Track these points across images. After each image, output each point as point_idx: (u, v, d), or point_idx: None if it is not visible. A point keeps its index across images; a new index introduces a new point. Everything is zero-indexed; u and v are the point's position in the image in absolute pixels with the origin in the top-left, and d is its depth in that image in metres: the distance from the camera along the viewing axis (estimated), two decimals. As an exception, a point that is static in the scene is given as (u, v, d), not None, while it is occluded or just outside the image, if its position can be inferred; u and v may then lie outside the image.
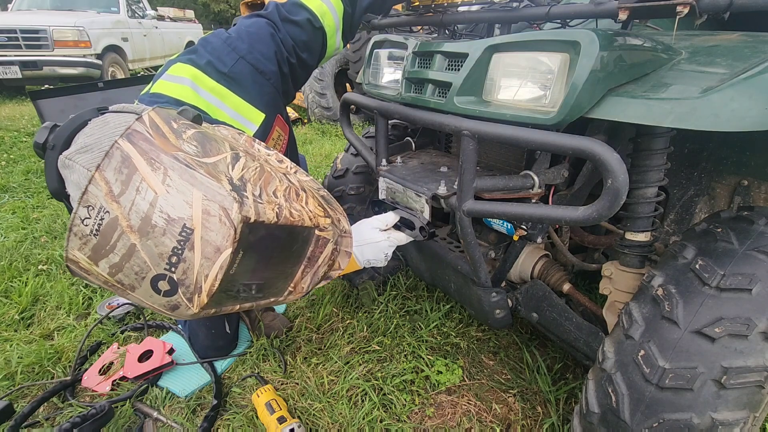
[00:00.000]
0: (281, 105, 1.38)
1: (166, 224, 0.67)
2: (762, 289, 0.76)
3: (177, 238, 0.68)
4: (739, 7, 0.84)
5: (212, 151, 0.76)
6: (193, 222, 0.68)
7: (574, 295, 1.29)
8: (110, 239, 0.67)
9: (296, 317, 1.83)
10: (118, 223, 0.66)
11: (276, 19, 1.31)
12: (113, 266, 0.69)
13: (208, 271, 0.70)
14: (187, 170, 0.70)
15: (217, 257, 0.70)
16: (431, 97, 1.13)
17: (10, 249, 2.35)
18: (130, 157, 0.67)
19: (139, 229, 0.67)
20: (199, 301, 0.72)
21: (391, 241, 1.23)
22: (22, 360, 1.55)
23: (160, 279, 0.70)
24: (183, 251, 0.68)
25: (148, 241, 0.67)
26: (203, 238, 0.69)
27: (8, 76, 6.05)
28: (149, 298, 0.72)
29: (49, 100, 2.47)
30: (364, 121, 5.44)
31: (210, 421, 1.31)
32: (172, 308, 0.73)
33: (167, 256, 0.68)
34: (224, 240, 0.70)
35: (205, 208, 0.69)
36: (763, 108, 0.69)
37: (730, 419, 0.74)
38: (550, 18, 1.09)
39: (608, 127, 1.06)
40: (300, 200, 0.86)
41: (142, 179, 0.67)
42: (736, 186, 1.25)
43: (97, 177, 0.66)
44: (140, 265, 0.69)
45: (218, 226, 0.69)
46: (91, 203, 0.66)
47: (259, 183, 0.79)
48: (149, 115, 0.73)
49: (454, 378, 1.49)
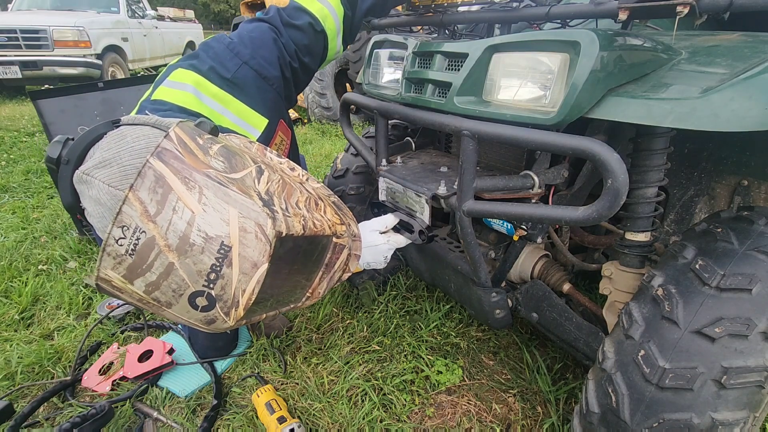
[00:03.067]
0: (284, 109, 1.38)
1: (205, 242, 0.68)
2: (762, 289, 0.76)
3: (216, 256, 0.69)
4: (739, 7, 0.84)
5: (238, 166, 0.77)
6: (230, 239, 0.69)
7: (574, 295, 1.29)
8: (147, 258, 0.67)
9: (296, 317, 1.83)
10: (156, 243, 0.67)
11: (278, 24, 1.31)
12: (150, 284, 0.69)
13: (245, 285, 0.72)
14: (220, 188, 0.71)
15: (254, 272, 0.72)
16: (431, 97, 1.13)
17: (10, 249, 2.35)
18: (164, 177, 0.68)
19: (178, 248, 0.67)
20: (236, 314, 0.73)
21: (390, 244, 1.23)
22: (22, 360, 1.55)
23: (198, 295, 0.71)
24: (221, 268, 0.69)
25: (187, 260, 0.68)
26: (241, 255, 0.70)
27: (8, 76, 6.05)
28: (186, 313, 0.73)
29: (49, 100, 2.47)
30: (364, 121, 5.44)
31: (210, 421, 1.31)
32: (209, 322, 0.74)
33: (206, 273, 0.69)
34: (261, 255, 0.72)
35: (242, 225, 0.70)
36: (763, 108, 0.69)
37: (730, 419, 0.74)
38: (550, 18, 1.09)
39: (608, 127, 1.06)
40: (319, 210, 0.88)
41: (178, 199, 0.68)
42: (736, 186, 1.25)
43: (131, 197, 0.66)
44: (178, 283, 0.69)
45: (255, 243, 0.71)
46: (126, 223, 0.66)
47: (282, 195, 0.81)
48: (175, 131, 0.73)
49: (454, 378, 1.49)
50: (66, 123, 2.46)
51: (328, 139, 4.89)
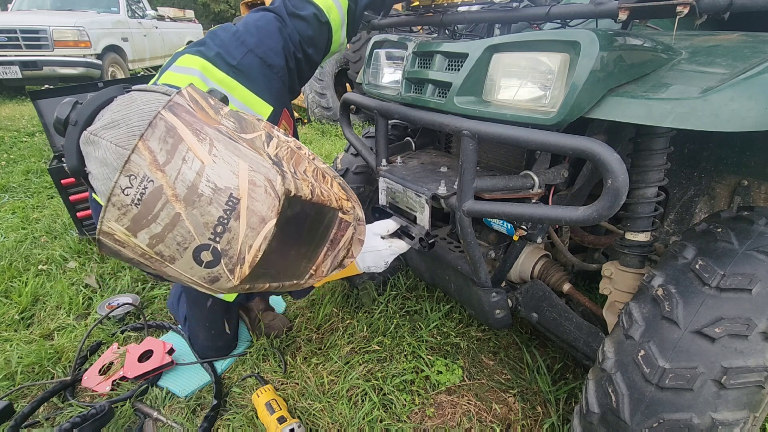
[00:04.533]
0: (287, 99, 1.39)
1: (213, 193, 0.67)
2: (762, 289, 0.76)
3: (223, 208, 0.67)
4: (739, 7, 0.84)
5: (248, 129, 0.77)
6: (239, 192, 0.68)
7: (574, 295, 1.29)
8: (153, 209, 0.65)
9: (296, 317, 1.83)
10: (163, 192, 0.65)
11: (283, 14, 1.32)
12: (154, 237, 0.67)
13: (252, 241, 0.70)
14: (231, 142, 0.70)
15: (261, 227, 0.70)
16: (431, 97, 1.13)
17: (10, 249, 2.35)
18: (174, 128, 0.67)
19: (185, 198, 0.66)
20: (241, 272, 0.71)
21: (392, 249, 1.23)
22: (22, 360, 1.55)
23: (203, 249, 0.68)
24: (229, 221, 0.68)
25: (194, 210, 0.66)
26: (249, 208, 0.69)
27: (8, 76, 6.05)
28: (189, 270, 0.70)
29: (49, 100, 2.47)
30: (364, 121, 5.44)
31: (210, 421, 1.31)
32: (212, 280, 0.72)
33: (212, 225, 0.67)
34: (269, 210, 0.70)
35: (251, 178, 0.69)
36: (763, 108, 0.69)
37: (730, 419, 0.74)
38: (550, 18, 1.09)
39: (608, 127, 1.06)
40: (326, 182, 0.87)
41: (188, 149, 0.66)
42: (736, 186, 1.25)
43: (140, 146, 0.64)
44: (183, 235, 0.67)
45: (264, 197, 0.70)
46: (134, 172, 0.64)
47: (291, 162, 0.80)
48: (187, 90, 0.73)
49: (454, 378, 1.49)
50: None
51: (328, 139, 4.90)
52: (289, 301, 1.95)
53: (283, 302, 1.94)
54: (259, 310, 1.73)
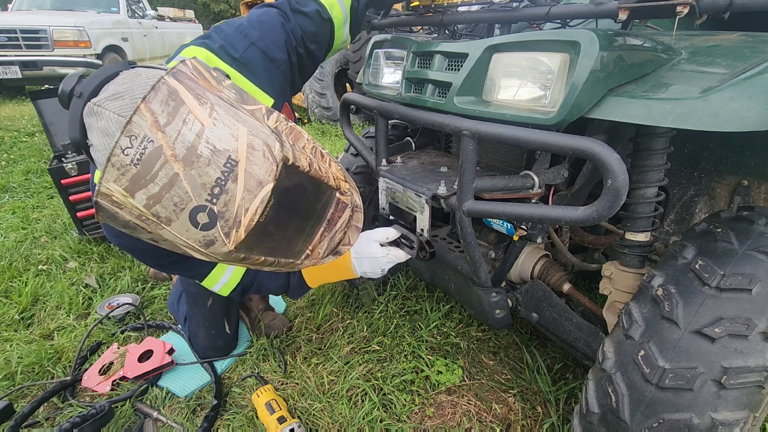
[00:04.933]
0: (288, 94, 1.40)
1: (212, 154, 0.68)
2: (762, 289, 0.76)
3: (221, 169, 0.68)
4: (739, 7, 0.84)
5: (249, 101, 0.79)
6: (238, 155, 0.69)
7: (574, 295, 1.29)
8: (152, 168, 0.66)
9: (296, 317, 1.83)
10: (162, 152, 0.66)
11: (286, 10, 1.33)
12: (151, 197, 0.68)
13: (249, 204, 0.71)
14: (232, 108, 0.72)
15: (259, 191, 0.71)
16: (431, 97, 1.13)
17: (10, 249, 2.35)
18: (177, 91, 0.68)
19: (184, 159, 0.67)
20: (236, 236, 0.72)
21: (389, 257, 1.24)
22: (22, 360, 1.55)
23: (199, 211, 0.69)
24: (226, 182, 0.69)
25: (192, 171, 0.67)
26: (247, 171, 0.69)
27: (8, 76, 6.05)
28: (185, 232, 0.71)
29: (49, 100, 2.47)
30: (364, 121, 5.44)
31: (210, 421, 1.31)
32: (208, 244, 0.72)
33: (210, 186, 0.68)
34: (267, 174, 0.71)
35: (250, 142, 0.70)
36: (763, 108, 0.69)
37: (730, 419, 0.74)
38: (550, 18, 1.09)
39: (608, 127, 1.06)
40: (324, 161, 0.88)
41: (189, 111, 0.68)
42: (736, 186, 1.25)
43: (142, 108, 0.65)
44: (181, 196, 0.68)
45: (262, 161, 0.71)
46: (135, 133, 0.65)
47: (290, 136, 0.81)
48: (191, 61, 0.75)
49: (454, 378, 1.49)
50: (66, 123, 2.46)
51: (328, 139, 4.90)
52: (289, 302, 1.95)
53: (283, 302, 1.94)
54: (259, 310, 1.73)
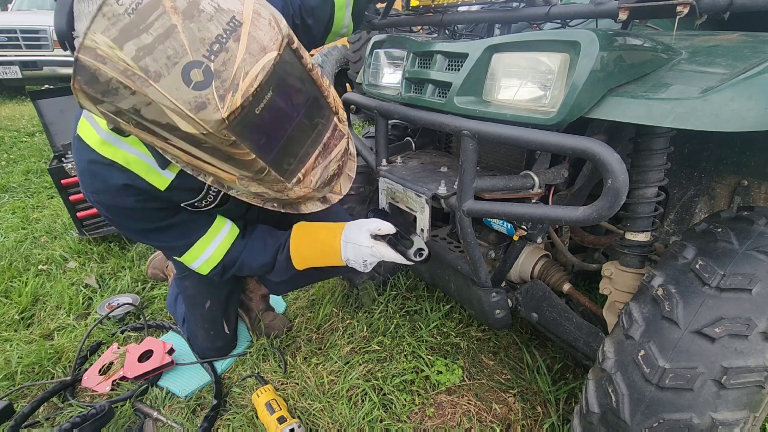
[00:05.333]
0: None
1: (215, 12, 0.64)
2: (762, 289, 0.76)
3: (224, 27, 0.64)
4: (739, 7, 0.84)
5: None
6: (243, 17, 0.66)
7: (574, 295, 1.29)
8: (147, 18, 0.61)
9: (296, 317, 1.83)
10: (162, 3, 0.62)
11: None
12: (142, 48, 0.61)
13: (249, 68, 0.66)
14: None
15: (261, 56, 0.67)
16: (431, 97, 1.13)
17: (10, 249, 2.35)
18: None
19: (184, 12, 0.62)
20: (232, 102, 0.66)
21: (372, 251, 1.16)
22: (22, 360, 1.55)
23: (194, 67, 0.64)
24: (228, 41, 0.65)
25: (192, 24, 0.63)
26: (251, 34, 0.66)
27: (8, 76, 6.06)
28: (174, 91, 0.64)
29: (49, 100, 2.47)
30: (364, 121, 5.44)
31: (210, 421, 1.31)
32: (198, 107, 0.65)
33: (209, 42, 0.64)
34: (272, 42, 0.68)
35: (257, 9, 0.68)
36: (763, 108, 0.69)
37: (730, 419, 0.74)
38: (550, 18, 1.09)
39: (608, 127, 1.06)
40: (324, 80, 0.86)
41: None
42: (736, 186, 1.25)
43: None
44: (176, 49, 0.62)
45: (267, 28, 0.68)
46: None
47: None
48: None
49: (454, 378, 1.49)
50: (66, 123, 2.46)
51: (328, 139, 4.88)
52: (289, 302, 1.95)
53: (283, 302, 1.94)
54: (259, 310, 1.73)
